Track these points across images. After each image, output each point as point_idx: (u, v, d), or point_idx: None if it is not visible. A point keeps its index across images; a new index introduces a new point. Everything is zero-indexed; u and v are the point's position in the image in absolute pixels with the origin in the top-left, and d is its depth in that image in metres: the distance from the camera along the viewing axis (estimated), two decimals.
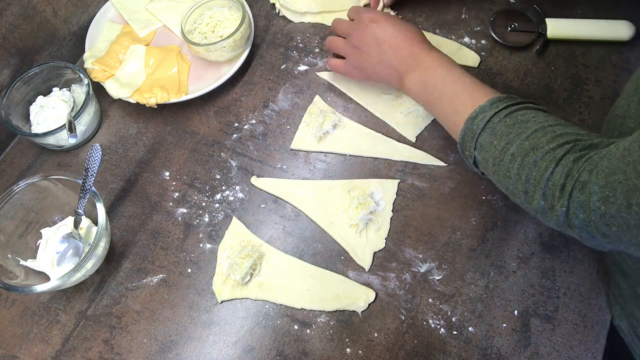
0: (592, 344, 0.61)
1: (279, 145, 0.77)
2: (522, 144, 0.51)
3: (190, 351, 0.63)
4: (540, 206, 0.50)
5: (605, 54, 0.80)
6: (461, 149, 0.60)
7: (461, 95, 0.60)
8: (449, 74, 0.63)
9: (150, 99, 0.77)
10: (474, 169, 0.60)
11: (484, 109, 0.56)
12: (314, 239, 0.69)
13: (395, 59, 0.67)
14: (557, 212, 0.48)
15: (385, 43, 0.67)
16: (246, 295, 0.66)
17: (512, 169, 0.52)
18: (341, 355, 0.62)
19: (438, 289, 0.65)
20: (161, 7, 0.89)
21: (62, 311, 0.66)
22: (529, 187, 0.50)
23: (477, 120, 0.56)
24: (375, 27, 0.68)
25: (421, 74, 0.65)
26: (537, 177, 0.50)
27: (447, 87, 0.62)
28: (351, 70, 0.73)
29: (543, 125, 0.52)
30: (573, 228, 0.48)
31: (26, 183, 0.66)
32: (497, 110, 0.55)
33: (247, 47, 0.82)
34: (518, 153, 0.51)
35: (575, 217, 0.47)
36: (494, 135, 0.54)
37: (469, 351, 0.61)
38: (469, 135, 0.57)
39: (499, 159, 0.53)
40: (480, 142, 0.56)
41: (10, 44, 0.76)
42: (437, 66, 0.64)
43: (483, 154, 0.56)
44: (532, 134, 0.51)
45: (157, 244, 0.70)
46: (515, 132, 0.52)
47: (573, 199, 0.47)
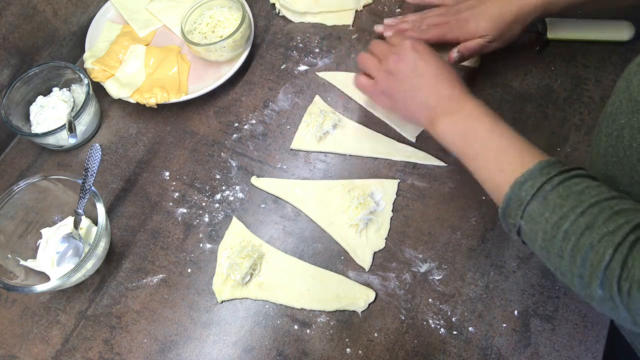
0: (592, 344, 0.61)
1: (279, 145, 0.77)
2: (577, 220, 0.46)
3: (190, 351, 0.63)
4: (598, 296, 0.45)
5: (605, 54, 0.80)
6: (503, 215, 0.53)
7: (508, 154, 0.54)
8: (495, 127, 0.57)
9: (150, 99, 0.77)
10: (515, 237, 0.54)
11: (533, 175, 0.50)
12: (314, 239, 0.69)
13: (433, 96, 0.61)
14: (617, 307, 0.44)
15: (424, 77, 0.62)
16: (246, 295, 0.66)
17: (565, 249, 0.46)
18: (341, 355, 0.62)
19: (438, 289, 0.65)
20: (161, 7, 0.89)
21: (62, 311, 0.66)
22: (585, 272, 0.45)
23: (525, 186, 0.50)
24: (417, 58, 0.63)
25: (461, 120, 0.59)
26: (593, 263, 0.44)
27: (491, 142, 0.56)
28: (379, 95, 0.68)
29: (599, 199, 0.46)
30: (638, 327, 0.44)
31: (26, 183, 0.66)
32: (548, 177, 0.49)
33: (247, 47, 0.82)
34: (572, 231, 0.46)
35: (638, 316, 0.43)
36: (546, 206, 0.48)
37: (469, 351, 0.61)
38: (515, 202, 0.51)
39: (551, 235, 0.48)
40: (529, 212, 0.50)
41: (10, 44, 0.76)
42: (480, 115, 0.58)
43: (531, 226, 0.50)
44: (587, 209, 0.46)
45: (157, 244, 0.70)
46: (569, 205, 0.47)
47: (633, 299, 0.42)
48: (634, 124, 0.50)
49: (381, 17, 0.87)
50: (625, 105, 0.52)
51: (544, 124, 0.75)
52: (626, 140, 0.51)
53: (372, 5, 0.89)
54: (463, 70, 0.80)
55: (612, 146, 0.55)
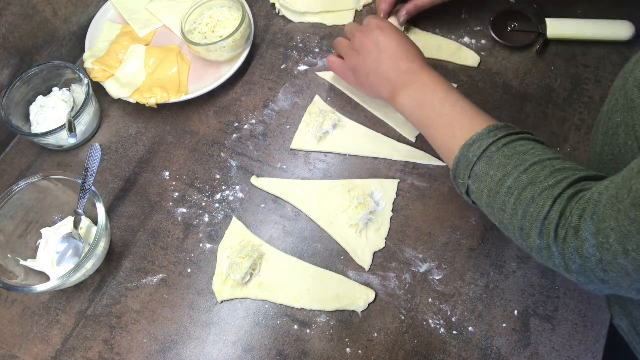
0: (592, 344, 0.61)
1: (279, 145, 0.77)
2: (520, 177, 0.49)
3: (190, 351, 0.63)
4: (536, 245, 0.48)
5: (605, 54, 0.80)
6: (454, 176, 0.57)
7: (459, 120, 0.58)
8: (448, 97, 0.60)
9: (150, 99, 0.77)
10: (465, 197, 0.57)
11: (481, 137, 0.54)
12: (314, 239, 0.69)
13: (393, 71, 0.65)
14: (553, 254, 0.47)
15: (385, 53, 0.65)
16: (246, 295, 0.66)
17: (508, 203, 0.50)
18: (341, 355, 0.62)
19: (438, 289, 0.65)
20: (161, 7, 0.89)
21: (62, 311, 0.66)
22: (525, 224, 0.48)
23: (473, 148, 0.54)
24: (379, 35, 0.66)
25: (418, 92, 0.62)
26: (534, 214, 0.47)
27: (445, 110, 0.59)
28: (346, 72, 0.72)
29: (542, 158, 0.50)
30: (571, 273, 0.47)
31: (26, 183, 0.66)
32: (495, 139, 0.53)
33: (247, 47, 0.82)
34: (515, 187, 0.49)
35: (572, 262, 0.45)
36: (491, 166, 0.52)
37: (469, 351, 0.61)
38: (463, 163, 0.55)
39: (495, 191, 0.51)
40: (476, 172, 0.53)
41: (10, 44, 0.76)
42: (436, 87, 0.62)
43: (478, 184, 0.53)
44: (530, 167, 0.49)
45: (157, 244, 0.70)
46: (513, 163, 0.50)
47: (568, 244, 0.45)
48: (629, 122, 0.50)
49: None
50: (621, 104, 0.52)
51: (544, 124, 0.75)
52: (621, 138, 0.52)
53: (372, 5, 0.89)
54: (463, 70, 0.80)
55: (608, 144, 0.55)
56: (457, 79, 0.80)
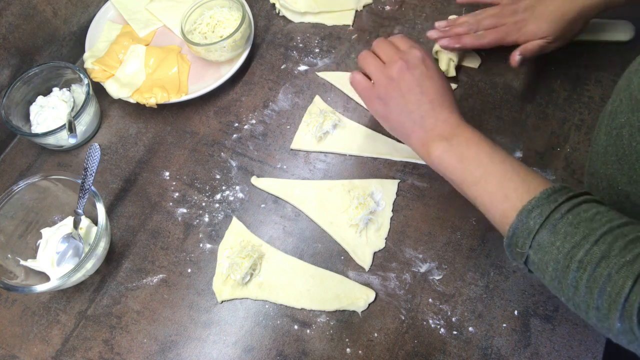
0: (592, 344, 0.61)
1: (279, 145, 0.77)
2: (591, 249, 0.44)
3: (190, 351, 0.63)
4: (616, 328, 0.43)
5: (605, 54, 0.80)
6: (508, 244, 0.51)
7: (512, 180, 0.52)
8: (495, 153, 0.54)
9: (150, 99, 0.77)
10: (522, 266, 0.52)
11: (540, 203, 0.48)
12: (314, 239, 0.69)
13: (431, 118, 0.58)
14: (638, 339, 0.42)
15: (427, 95, 0.58)
16: (246, 295, 0.66)
17: (580, 280, 0.44)
18: (341, 355, 0.62)
19: (438, 289, 0.65)
20: (161, 7, 0.89)
21: (62, 311, 0.66)
22: (602, 304, 0.43)
23: (533, 214, 0.48)
24: (424, 74, 0.59)
25: (459, 146, 0.56)
26: (612, 295, 0.42)
27: (494, 167, 0.53)
28: (374, 100, 0.63)
29: (611, 226, 0.45)
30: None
31: (26, 183, 0.66)
32: (556, 204, 0.47)
33: (247, 47, 0.82)
34: (587, 261, 0.44)
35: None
36: (556, 235, 0.46)
37: (469, 351, 0.61)
38: (523, 231, 0.49)
39: (564, 265, 0.46)
40: (539, 241, 0.48)
41: (10, 44, 0.76)
42: (480, 141, 0.55)
43: (541, 256, 0.48)
44: (601, 237, 0.44)
45: (157, 244, 0.70)
46: (581, 233, 0.45)
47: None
48: (633, 122, 0.50)
49: (381, 17, 0.87)
50: (625, 104, 0.52)
51: (544, 124, 0.75)
52: (625, 139, 0.51)
53: (372, 5, 0.89)
54: (463, 71, 0.80)
55: (612, 145, 0.55)
56: (457, 79, 0.80)
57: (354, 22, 0.87)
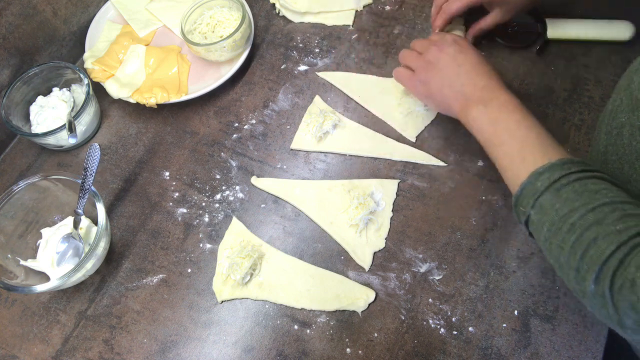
0: (592, 344, 0.61)
1: (279, 145, 0.77)
2: (586, 215, 0.46)
3: (190, 351, 0.63)
4: (590, 290, 0.45)
5: (605, 54, 0.80)
6: (515, 203, 0.54)
7: (533, 145, 0.55)
8: (525, 119, 0.58)
9: (150, 99, 0.77)
10: (523, 226, 0.54)
11: (553, 167, 0.51)
12: (314, 239, 0.69)
13: (469, 85, 0.63)
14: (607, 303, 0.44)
15: (463, 67, 0.64)
16: (246, 295, 0.66)
17: (567, 240, 0.46)
18: (341, 355, 0.62)
19: (438, 289, 0.65)
20: (161, 7, 0.89)
21: (62, 311, 0.66)
22: (582, 266, 0.45)
23: (542, 177, 0.51)
24: (458, 49, 0.65)
25: (493, 109, 0.60)
26: (593, 257, 0.44)
27: (519, 132, 0.57)
28: (416, 84, 0.69)
29: (614, 200, 0.46)
30: (624, 328, 0.44)
31: (26, 183, 0.66)
32: (567, 172, 0.49)
33: (247, 47, 0.82)
34: (579, 224, 0.46)
35: (626, 316, 0.42)
36: (558, 198, 0.49)
37: (469, 351, 0.61)
38: (529, 191, 0.51)
39: (557, 227, 0.48)
40: (541, 202, 0.50)
41: (10, 44, 0.76)
42: (513, 107, 0.59)
43: (540, 216, 0.50)
44: (599, 206, 0.46)
45: (157, 244, 0.70)
46: (582, 200, 0.47)
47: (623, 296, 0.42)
48: (634, 122, 0.50)
49: (381, 17, 0.87)
50: (626, 104, 0.52)
51: (544, 124, 0.75)
52: (626, 138, 0.51)
53: (372, 5, 0.89)
54: None
55: (612, 144, 0.55)
56: None
57: (354, 22, 0.87)
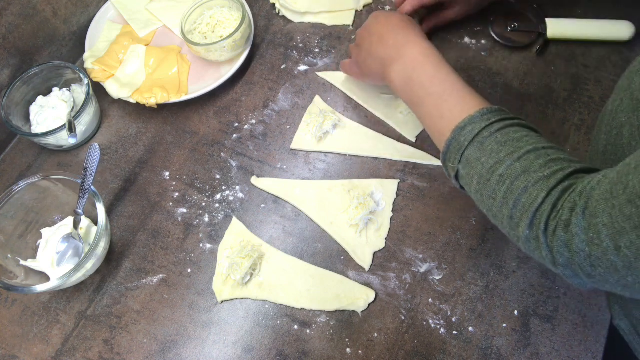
0: (592, 344, 0.61)
1: (279, 145, 0.77)
2: (513, 165, 0.47)
3: (190, 351, 0.63)
4: (524, 235, 0.47)
5: (605, 54, 0.80)
6: (444, 159, 0.55)
7: (449, 99, 0.55)
8: (438, 72, 0.57)
9: (150, 99, 0.77)
10: (454, 182, 0.56)
11: (473, 120, 0.52)
12: (314, 239, 0.69)
13: (381, 49, 0.63)
14: (541, 246, 0.45)
15: (375, 35, 0.65)
16: (246, 295, 0.66)
17: (499, 192, 0.48)
18: (341, 355, 0.62)
19: (438, 289, 0.65)
20: (161, 7, 0.89)
21: (62, 311, 0.66)
22: (515, 213, 0.47)
23: (465, 131, 0.52)
24: (371, 21, 0.67)
25: (406, 67, 0.59)
26: (525, 205, 0.46)
27: (434, 87, 0.57)
28: (353, 67, 0.72)
29: (536, 146, 0.48)
30: (557, 266, 0.45)
31: (26, 183, 0.66)
32: (488, 123, 0.51)
33: (247, 47, 0.82)
34: (507, 175, 0.47)
35: (559, 255, 0.44)
36: (483, 151, 0.50)
37: (469, 351, 0.61)
38: (454, 147, 0.53)
39: (486, 178, 0.49)
40: (467, 156, 0.51)
41: (10, 44, 0.76)
42: (424, 61, 0.58)
43: (468, 170, 0.51)
44: (524, 155, 0.47)
45: (157, 244, 0.70)
46: (506, 150, 0.48)
47: (557, 237, 0.44)
48: (633, 122, 0.50)
49: None
50: (626, 104, 0.52)
51: (544, 124, 0.75)
52: (625, 138, 0.51)
53: (372, 5, 0.89)
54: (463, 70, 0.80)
55: (612, 144, 0.55)
56: None
57: (354, 22, 0.87)
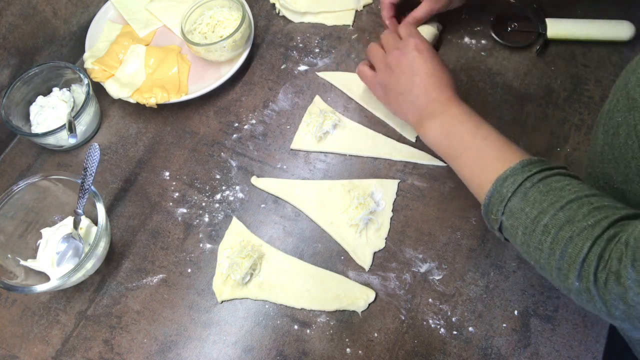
0: (592, 344, 0.61)
1: (279, 145, 0.77)
2: (557, 214, 0.47)
3: (190, 351, 0.63)
4: (575, 287, 0.46)
5: (605, 54, 0.80)
6: (485, 212, 0.55)
7: (490, 153, 0.56)
8: (478, 130, 0.58)
9: (150, 99, 0.77)
10: (498, 234, 0.55)
11: (515, 172, 0.52)
12: (314, 239, 0.69)
13: (422, 97, 0.63)
14: (594, 298, 0.44)
15: (418, 76, 0.63)
16: (246, 295, 0.66)
17: (545, 242, 0.47)
18: (341, 355, 0.62)
19: (438, 289, 0.65)
20: (161, 7, 0.89)
21: (62, 311, 0.66)
22: (563, 265, 0.46)
23: (507, 183, 0.52)
24: (417, 56, 0.64)
25: (445, 123, 0.60)
26: (572, 255, 0.45)
27: (474, 142, 0.58)
28: (376, 86, 0.70)
29: (579, 195, 0.47)
30: (614, 318, 0.44)
31: (26, 183, 0.66)
32: (529, 174, 0.51)
33: (247, 47, 0.82)
34: (552, 225, 0.47)
35: (614, 308, 0.43)
36: (526, 202, 0.50)
37: (469, 351, 0.61)
38: (496, 199, 0.52)
39: (531, 229, 0.49)
40: (510, 208, 0.51)
41: (10, 44, 0.76)
42: (465, 119, 0.60)
43: (512, 221, 0.51)
44: (567, 204, 0.47)
45: (157, 244, 0.70)
46: (549, 200, 0.48)
47: (609, 290, 0.42)
48: (630, 121, 0.50)
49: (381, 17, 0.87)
50: (622, 103, 0.52)
51: (544, 124, 0.75)
52: (622, 137, 0.52)
53: (372, 5, 0.89)
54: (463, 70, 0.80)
55: (609, 144, 0.55)
56: (457, 79, 0.79)
57: (354, 22, 0.87)
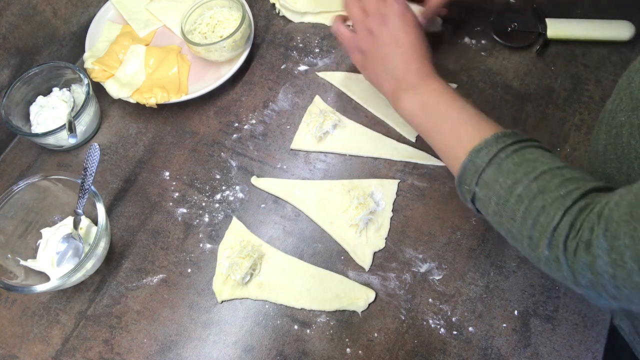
0: (592, 344, 0.61)
1: (279, 145, 0.77)
2: (530, 185, 0.48)
3: (190, 351, 0.63)
4: (544, 256, 0.47)
5: (605, 54, 0.80)
6: (459, 183, 0.55)
7: (465, 125, 0.56)
8: (454, 102, 0.59)
9: (150, 99, 0.77)
10: (470, 205, 0.56)
11: (489, 143, 0.52)
12: (314, 239, 0.69)
13: (402, 68, 0.62)
14: (562, 267, 0.45)
15: (401, 47, 0.62)
16: (246, 295, 0.66)
17: (517, 212, 0.48)
18: (341, 355, 0.62)
19: (438, 289, 0.65)
20: (161, 7, 0.89)
21: (62, 311, 0.66)
22: (534, 234, 0.47)
23: (481, 154, 0.52)
24: (400, 27, 0.62)
25: (423, 95, 0.60)
26: (544, 224, 0.46)
27: (450, 115, 0.58)
28: (354, 50, 0.68)
29: (552, 167, 0.48)
30: (579, 286, 0.45)
31: (26, 183, 0.66)
32: (503, 145, 0.51)
33: (247, 47, 0.82)
34: (525, 195, 0.48)
35: (581, 276, 0.44)
36: (500, 173, 0.50)
37: (469, 351, 0.61)
38: (471, 169, 0.53)
39: (504, 199, 0.49)
40: (484, 178, 0.52)
41: (10, 44, 0.76)
42: (442, 92, 0.60)
43: (486, 191, 0.52)
44: (540, 175, 0.48)
45: (157, 244, 0.70)
46: (522, 171, 0.49)
47: (578, 259, 0.43)
48: (633, 121, 0.50)
49: None
50: (626, 103, 0.52)
51: (544, 124, 0.75)
52: (625, 137, 0.51)
53: None
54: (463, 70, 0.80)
55: (611, 144, 0.55)
56: (457, 79, 0.80)
57: None
